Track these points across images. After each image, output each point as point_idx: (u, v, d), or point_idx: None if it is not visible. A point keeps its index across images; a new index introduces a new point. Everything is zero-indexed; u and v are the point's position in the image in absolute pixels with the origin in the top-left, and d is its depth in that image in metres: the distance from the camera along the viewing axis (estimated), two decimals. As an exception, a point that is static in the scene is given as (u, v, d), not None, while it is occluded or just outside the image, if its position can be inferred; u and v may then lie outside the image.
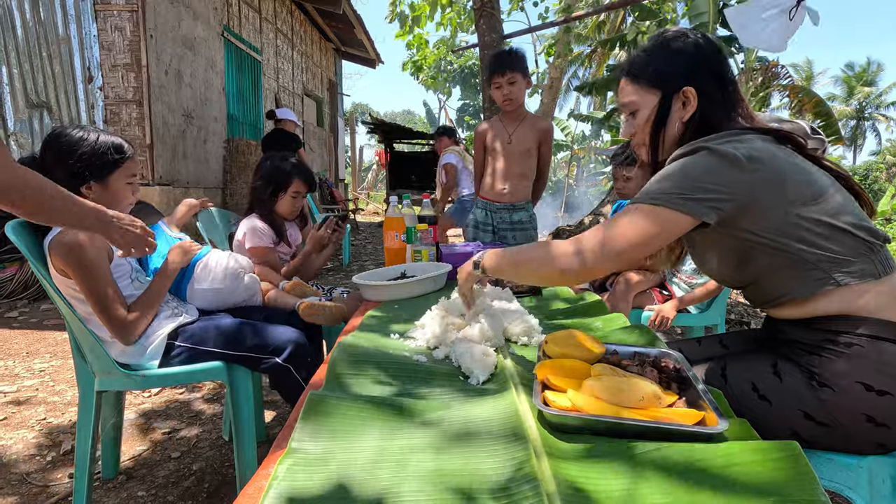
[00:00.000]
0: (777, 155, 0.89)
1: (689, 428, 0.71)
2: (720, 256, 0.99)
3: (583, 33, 10.61)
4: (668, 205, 0.88)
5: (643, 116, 1.04)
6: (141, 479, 1.70)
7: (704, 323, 2.26)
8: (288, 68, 8.27)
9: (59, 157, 1.33)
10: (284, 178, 1.98)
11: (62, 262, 1.30)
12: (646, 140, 1.05)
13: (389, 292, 1.58)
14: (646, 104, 1.03)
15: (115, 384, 1.42)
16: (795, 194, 0.87)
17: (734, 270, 0.98)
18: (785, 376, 0.90)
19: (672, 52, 1.00)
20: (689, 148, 0.93)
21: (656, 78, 1.01)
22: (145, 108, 4.53)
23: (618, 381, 0.82)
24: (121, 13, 4.44)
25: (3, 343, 3.01)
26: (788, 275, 0.90)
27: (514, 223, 2.46)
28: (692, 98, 0.98)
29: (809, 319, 0.91)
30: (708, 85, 0.98)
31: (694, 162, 0.90)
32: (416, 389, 0.90)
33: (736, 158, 0.87)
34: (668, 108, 1.00)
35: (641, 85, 1.03)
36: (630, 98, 1.05)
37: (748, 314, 3.80)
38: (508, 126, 2.39)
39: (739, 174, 0.87)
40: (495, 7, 4.43)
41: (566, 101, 22.73)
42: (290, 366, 1.44)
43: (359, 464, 0.65)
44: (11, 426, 2.03)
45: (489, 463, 0.67)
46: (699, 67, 0.98)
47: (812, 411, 0.86)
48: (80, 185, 1.35)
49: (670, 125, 1.01)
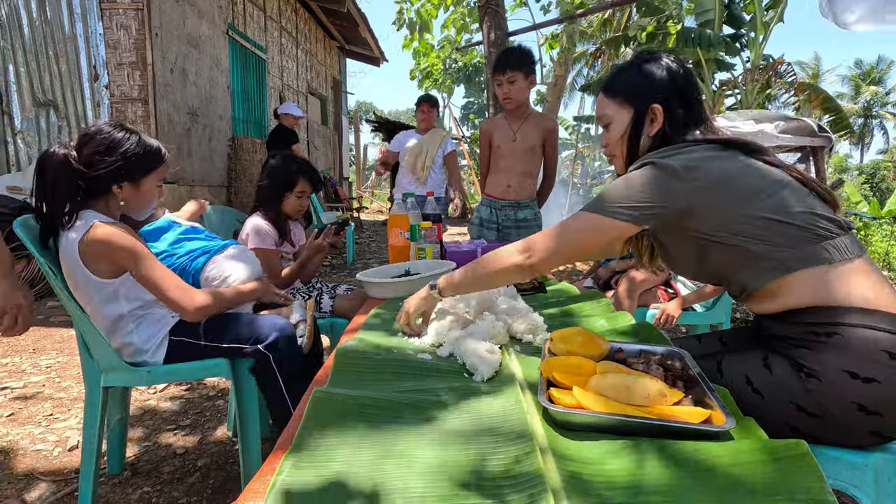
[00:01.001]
0: (717, 161, 0.97)
1: (695, 426, 0.71)
2: (680, 255, 1.07)
3: (588, 31, 10.56)
4: (609, 214, 0.98)
5: (616, 130, 1.13)
6: (146, 475, 1.71)
7: (710, 321, 2.25)
8: (292, 67, 8.28)
9: (99, 153, 1.33)
10: (290, 177, 1.97)
11: (111, 254, 1.30)
12: (621, 151, 1.14)
13: (393, 290, 1.58)
14: (619, 118, 1.12)
15: (121, 380, 1.43)
16: (735, 195, 0.95)
17: (697, 266, 1.05)
18: (775, 369, 0.91)
19: (645, 72, 1.10)
20: (638, 163, 1.03)
21: (629, 94, 1.11)
22: (150, 107, 4.55)
23: (623, 379, 0.81)
24: (126, 11, 4.45)
25: (9, 339, 3.03)
26: (743, 266, 0.96)
27: (519, 221, 2.46)
28: (659, 115, 1.07)
29: (786, 313, 0.93)
30: (674, 104, 1.07)
31: (637, 175, 0.99)
32: (420, 387, 0.90)
33: (673, 170, 0.96)
34: (640, 123, 1.10)
35: (616, 100, 1.13)
36: (605, 111, 1.15)
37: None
38: (513, 124, 2.39)
39: (677, 184, 0.95)
40: (500, 4, 4.42)
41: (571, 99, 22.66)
42: (270, 354, 1.42)
43: (364, 460, 0.65)
44: (18, 422, 2.05)
45: (494, 459, 0.67)
46: (667, 88, 1.07)
47: (802, 403, 0.87)
48: (113, 184, 1.36)
49: (643, 139, 1.11)
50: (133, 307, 1.40)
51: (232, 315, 1.50)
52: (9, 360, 2.72)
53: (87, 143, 1.34)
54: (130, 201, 1.41)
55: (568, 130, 21.33)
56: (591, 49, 11.90)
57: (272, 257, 1.93)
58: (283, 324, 1.49)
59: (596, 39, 11.15)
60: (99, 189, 1.36)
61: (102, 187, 1.36)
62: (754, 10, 5.89)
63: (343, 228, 2.01)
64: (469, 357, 0.98)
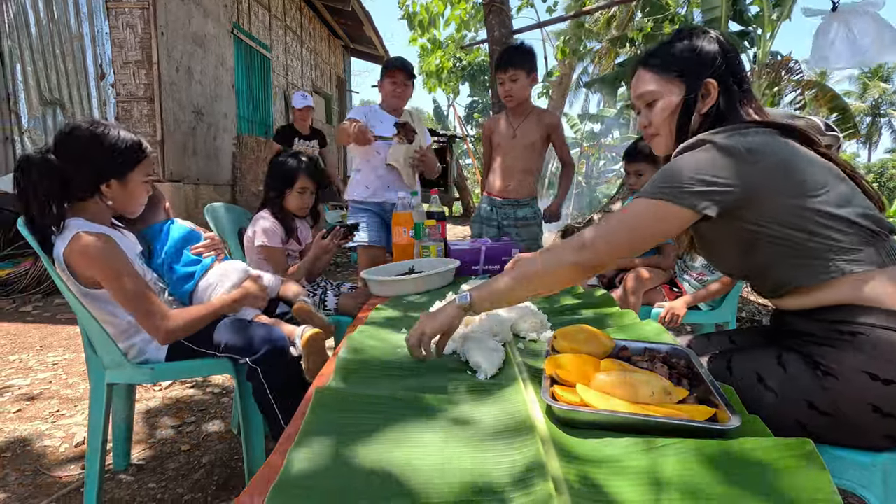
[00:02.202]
0: (779, 147, 0.91)
1: (700, 424, 0.70)
2: (726, 247, 1.00)
3: (593, 29, 10.52)
4: (669, 199, 0.90)
5: (663, 107, 1.05)
6: (152, 472, 1.72)
7: (715, 320, 2.24)
8: (297, 65, 8.29)
9: (80, 154, 1.28)
10: (290, 174, 1.98)
11: (87, 269, 1.28)
12: (668, 130, 1.06)
13: (397, 287, 1.58)
14: (667, 95, 1.04)
15: (126, 377, 1.43)
16: (797, 185, 0.89)
17: (740, 261, 0.99)
18: (789, 366, 0.90)
19: (696, 46, 1.02)
20: (693, 141, 0.96)
21: (682, 69, 1.03)
22: (156, 105, 4.57)
23: (628, 377, 0.81)
24: (132, 10, 4.47)
25: (17, 336, 3.06)
26: (793, 264, 0.91)
27: (519, 219, 2.45)
28: (713, 90, 1.00)
29: (814, 309, 0.91)
30: (728, 79, 1.01)
31: (696, 156, 0.92)
32: (423, 384, 0.90)
33: (737, 151, 0.89)
34: (693, 99, 1.02)
35: (663, 76, 1.04)
36: (649, 88, 1.06)
37: (760, 312, 3.76)
38: (514, 121, 2.39)
39: (740, 167, 0.88)
40: (504, 3, 4.41)
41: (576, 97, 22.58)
42: (258, 368, 1.38)
43: (368, 456, 0.65)
44: (25, 418, 2.06)
45: (498, 456, 0.67)
46: (721, 62, 1.01)
47: (816, 401, 0.86)
48: (101, 184, 1.32)
49: (694, 116, 1.03)
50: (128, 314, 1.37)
51: (230, 323, 1.46)
52: (16, 356, 2.74)
53: (67, 144, 1.29)
54: (120, 199, 1.36)
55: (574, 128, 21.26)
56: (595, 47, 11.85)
57: (278, 255, 1.94)
58: (277, 336, 1.42)
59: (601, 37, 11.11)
60: (86, 190, 1.31)
61: (90, 188, 1.31)
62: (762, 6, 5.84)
63: (352, 232, 2.00)
64: (472, 355, 0.97)
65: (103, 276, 1.29)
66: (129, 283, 1.30)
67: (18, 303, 3.73)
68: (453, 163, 13.48)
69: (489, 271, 1.89)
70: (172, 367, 1.45)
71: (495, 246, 1.92)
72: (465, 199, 13.75)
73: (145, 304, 1.31)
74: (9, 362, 2.66)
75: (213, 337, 1.42)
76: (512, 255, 1.94)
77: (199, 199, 5.08)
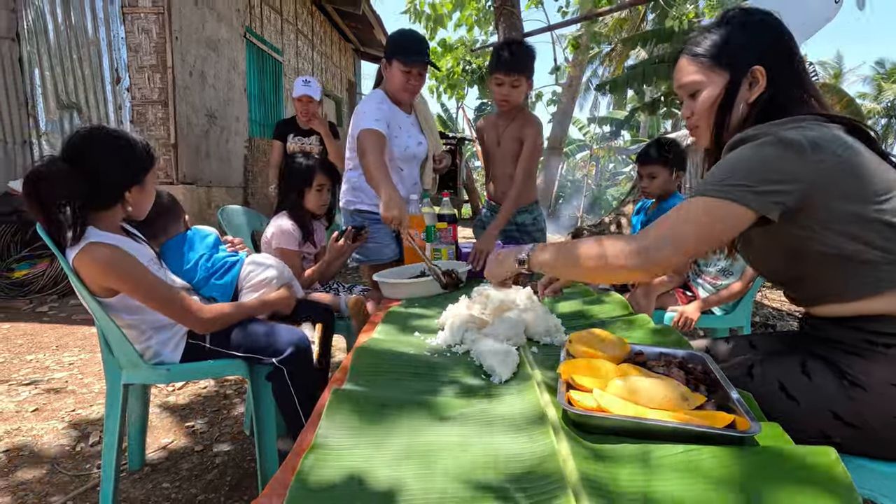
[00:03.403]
0: (844, 146, 0.83)
1: (719, 431, 0.70)
2: (772, 252, 0.94)
3: (603, 32, 10.49)
4: (732, 198, 0.83)
5: (706, 97, 0.98)
6: (166, 471, 1.74)
7: (729, 325, 2.21)
8: (308, 69, 8.35)
9: (112, 159, 1.27)
10: (307, 173, 2.00)
11: (103, 280, 1.29)
12: (709, 122, 1.00)
13: (410, 290, 1.58)
14: (710, 84, 0.97)
15: (141, 377, 1.45)
16: (861, 190, 0.82)
17: (784, 266, 0.94)
18: (814, 375, 0.88)
19: (740, 30, 0.95)
20: (752, 132, 0.89)
21: (724, 57, 0.96)
22: (170, 109, 4.63)
23: (644, 382, 0.80)
24: (147, 16, 4.54)
25: (34, 336, 3.11)
26: (841, 273, 0.86)
27: (519, 225, 2.37)
28: (761, 78, 0.93)
29: (850, 318, 0.88)
30: (778, 64, 0.93)
31: (759, 151, 0.85)
32: (437, 387, 0.90)
33: (801, 146, 0.81)
34: (735, 88, 0.95)
35: (706, 64, 0.97)
36: (692, 78, 0.99)
37: (774, 316, 3.71)
38: (500, 125, 2.21)
39: (805, 164, 0.81)
40: (515, 6, 4.41)
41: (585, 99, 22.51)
42: (284, 368, 1.42)
43: (384, 460, 0.65)
44: (42, 417, 2.09)
45: (514, 461, 0.66)
46: (769, 45, 0.93)
47: (841, 411, 0.84)
48: (126, 190, 1.32)
49: (736, 107, 0.96)
50: (141, 317, 1.39)
51: (248, 324, 1.49)
52: (33, 356, 2.78)
53: (92, 151, 1.26)
54: (137, 204, 1.36)
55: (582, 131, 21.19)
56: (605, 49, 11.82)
57: (294, 258, 1.95)
58: (300, 337, 1.47)
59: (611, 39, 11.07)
60: (113, 198, 1.31)
61: (117, 196, 1.31)
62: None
63: (361, 231, 2.01)
64: (486, 358, 0.97)
65: (126, 286, 1.30)
66: (154, 287, 1.32)
67: (35, 303, 3.79)
68: (462, 165, 13.49)
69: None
70: (188, 367, 1.46)
71: (506, 249, 1.91)
72: (474, 201, 13.75)
73: (177, 301, 1.35)
74: (26, 362, 2.71)
75: (232, 338, 1.44)
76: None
77: (212, 202, 5.14)
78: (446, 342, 1.12)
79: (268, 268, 1.65)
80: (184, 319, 1.38)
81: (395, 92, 2.00)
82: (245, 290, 1.62)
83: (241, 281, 1.63)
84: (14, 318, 3.44)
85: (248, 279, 1.62)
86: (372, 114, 1.90)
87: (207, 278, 1.62)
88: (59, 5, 4.49)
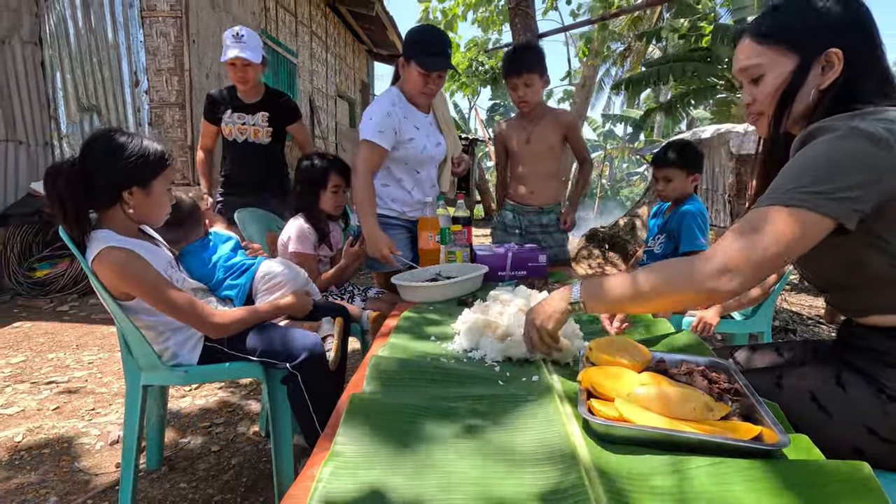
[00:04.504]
0: None
1: (746, 443, 0.68)
2: (828, 260, 0.87)
3: (616, 30, 10.41)
4: (808, 206, 0.75)
5: (770, 83, 0.89)
6: (183, 471, 1.76)
7: (749, 330, 2.17)
8: (322, 70, 8.41)
9: (104, 160, 1.31)
10: (322, 174, 2.00)
11: (119, 284, 1.31)
12: (771, 109, 0.91)
13: (428, 294, 1.58)
14: (776, 68, 0.88)
15: (160, 379, 1.47)
16: None
17: (839, 277, 0.88)
18: (849, 388, 0.85)
19: (813, 8, 0.86)
20: (826, 124, 0.80)
21: (794, 38, 0.87)
22: (187, 111, 4.69)
23: (667, 391, 0.79)
24: (165, 19, 4.60)
25: (55, 335, 3.17)
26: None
27: (544, 226, 2.40)
28: (837, 62, 0.84)
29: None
30: (856, 46, 0.84)
31: (835, 148, 0.76)
32: (456, 394, 0.89)
33: (884, 141, 0.74)
34: (805, 73, 0.86)
35: (773, 46, 0.88)
36: (755, 61, 0.90)
37: (794, 321, 3.64)
38: (528, 125, 2.30)
39: (887, 162, 0.74)
40: (530, 6, 4.39)
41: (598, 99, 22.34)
42: (298, 373, 1.42)
43: (403, 469, 0.65)
44: (64, 415, 2.13)
45: (536, 473, 0.65)
46: (846, 26, 0.84)
47: (876, 426, 0.81)
48: (123, 190, 1.33)
49: (803, 93, 0.87)
50: (158, 318, 1.40)
51: (263, 328, 1.49)
52: (54, 355, 2.84)
53: (92, 151, 1.30)
54: (142, 207, 1.36)
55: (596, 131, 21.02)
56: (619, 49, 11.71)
57: (311, 261, 1.96)
58: (314, 342, 1.47)
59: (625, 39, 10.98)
60: (109, 197, 1.33)
61: (112, 194, 1.33)
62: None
63: None
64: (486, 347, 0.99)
65: (139, 291, 1.32)
66: (166, 293, 1.32)
67: (56, 302, 3.86)
68: (475, 166, 13.47)
69: (515, 277, 1.87)
70: (205, 369, 1.47)
71: (521, 251, 1.91)
72: (487, 202, 13.72)
73: (190, 307, 1.36)
74: (47, 360, 2.76)
75: (248, 341, 1.45)
76: (539, 261, 1.92)
77: (227, 203, 5.20)
78: (462, 347, 1.11)
79: (283, 273, 1.66)
80: (197, 324, 1.39)
81: (412, 94, 1.96)
82: (260, 293, 1.63)
83: (256, 284, 1.64)
84: (36, 318, 3.51)
85: (263, 283, 1.63)
86: (377, 122, 1.86)
87: (223, 279, 1.63)
88: (80, 10, 4.57)
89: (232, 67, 2.56)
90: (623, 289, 0.90)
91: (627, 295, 0.89)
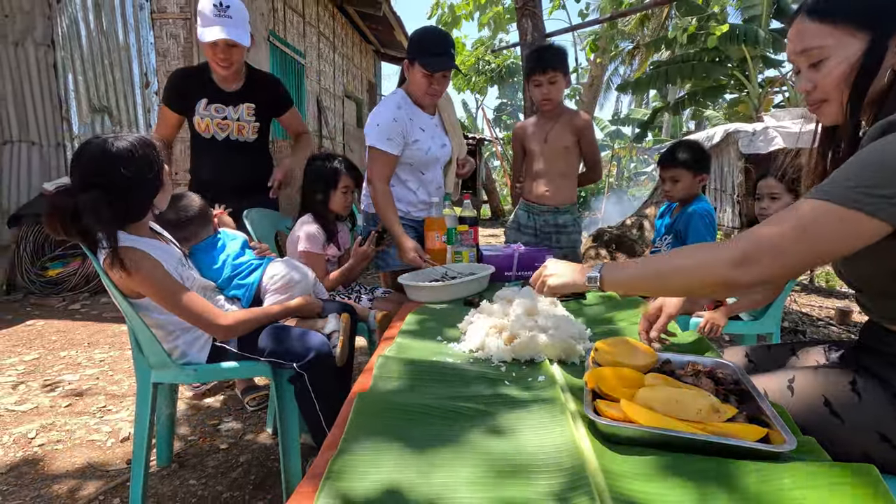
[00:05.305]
0: None
1: (753, 445, 0.68)
2: (877, 262, 0.81)
3: (625, 29, 10.36)
4: (865, 209, 0.68)
5: (835, 66, 0.81)
6: (192, 468, 1.78)
7: (758, 331, 2.16)
8: (329, 71, 8.45)
9: (141, 170, 1.29)
10: (332, 175, 2.01)
11: (130, 284, 1.32)
12: (841, 96, 0.82)
13: (435, 294, 1.58)
14: (842, 50, 0.80)
15: (170, 377, 1.48)
16: None
17: (883, 281, 0.83)
18: (864, 393, 0.83)
19: None
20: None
21: (864, 14, 0.78)
22: (196, 112, 4.73)
23: (673, 392, 0.79)
24: (175, 21, 4.65)
25: (67, 333, 3.21)
26: None
27: (559, 226, 2.40)
28: None
29: None
30: None
31: None
32: (460, 393, 0.89)
33: None
34: (879, 53, 0.78)
35: (838, 25, 0.80)
36: (816, 43, 0.82)
37: (803, 322, 3.61)
38: (545, 125, 2.33)
39: None
40: (537, 6, 4.38)
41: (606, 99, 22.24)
42: (305, 373, 1.42)
43: (411, 467, 0.65)
44: (76, 412, 2.16)
45: (543, 474, 0.66)
46: None
47: (890, 433, 0.80)
48: (154, 197, 1.35)
49: (879, 76, 0.79)
50: (168, 317, 1.42)
51: (272, 328, 1.50)
52: (66, 353, 2.88)
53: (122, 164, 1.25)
54: (161, 201, 1.40)
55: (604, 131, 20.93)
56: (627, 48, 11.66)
57: (319, 261, 1.97)
58: (321, 342, 1.47)
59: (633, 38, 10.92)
60: (145, 209, 1.35)
61: (146, 203, 1.35)
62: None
63: (385, 235, 2.01)
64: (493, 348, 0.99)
65: (150, 292, 1.34)
66: (175, 294, 1.34)
67: (68, 301, 3.91)
68: (481, 165, 13.46)
69: (522, 277, 1.87)
70: (214, 368, 1.49)
71: (528, 251, 1.91)
72: (494, 201, 13.71)
73: (198, 308, 1.37)
74: (60, 358, 2.80)
75: (256, 340, 1.46)
76: (545, 261, 1.92)
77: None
78: (468, 347, 1.12)
79: (291, 274, 1.67)
80: (204, 326, 1.39)
81: (417, 96, 1.97)
82: (268, 294, 1.64)
83: (264, 285, 1.66)
84: (48, 316, 3.56)
85: (271, 283, 1.65)
86: (385, 129, 1.89)
87: (232, 278, 1.65)
88: (91, 12, 4.63)
89: (213, 47, 1.96)
90: (643, 268, 0.89)
91: (651, 274, 0.87)
